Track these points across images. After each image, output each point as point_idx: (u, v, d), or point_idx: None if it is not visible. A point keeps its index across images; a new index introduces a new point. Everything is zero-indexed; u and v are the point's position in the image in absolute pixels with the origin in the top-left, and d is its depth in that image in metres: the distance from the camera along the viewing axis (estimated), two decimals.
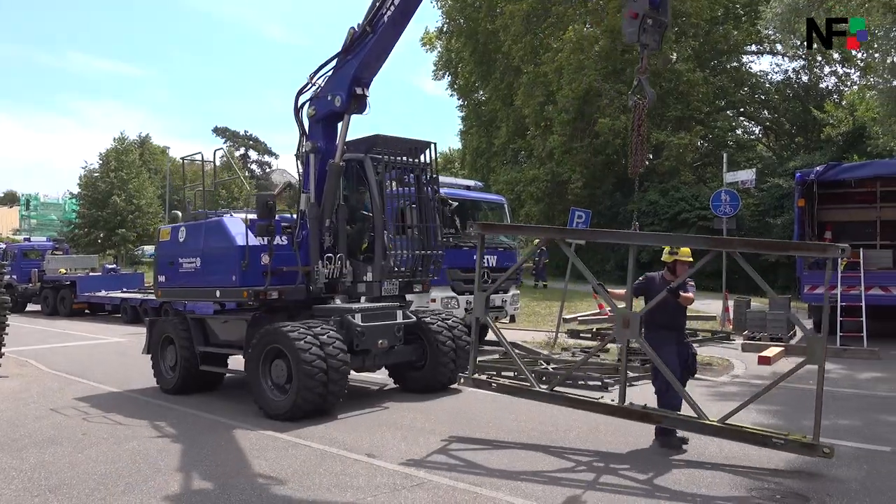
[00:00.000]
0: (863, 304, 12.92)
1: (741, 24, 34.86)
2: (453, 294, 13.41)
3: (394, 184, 9.21)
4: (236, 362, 9.81)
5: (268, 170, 69.72)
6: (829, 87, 36.36)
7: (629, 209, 31.80)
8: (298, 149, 9.42)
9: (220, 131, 71.87)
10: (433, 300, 12.79)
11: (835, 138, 30.50)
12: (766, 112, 39.05)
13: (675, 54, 33.08)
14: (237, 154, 71.94)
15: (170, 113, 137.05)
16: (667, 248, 7.00)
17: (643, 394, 8.09)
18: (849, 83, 35.41)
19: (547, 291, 27.40)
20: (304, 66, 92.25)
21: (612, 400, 6.94)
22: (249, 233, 8.82)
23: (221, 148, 14.63)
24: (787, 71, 37.87)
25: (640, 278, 7.16)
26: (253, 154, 75.43)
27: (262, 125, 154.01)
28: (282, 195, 12.03)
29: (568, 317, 17.20)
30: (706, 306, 19.65)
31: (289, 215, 9.88)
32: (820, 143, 31.58)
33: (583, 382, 9.63)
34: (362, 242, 9.41)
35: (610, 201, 33.59)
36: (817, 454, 5.61)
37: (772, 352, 11.96)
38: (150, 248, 42.01)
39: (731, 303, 16.24)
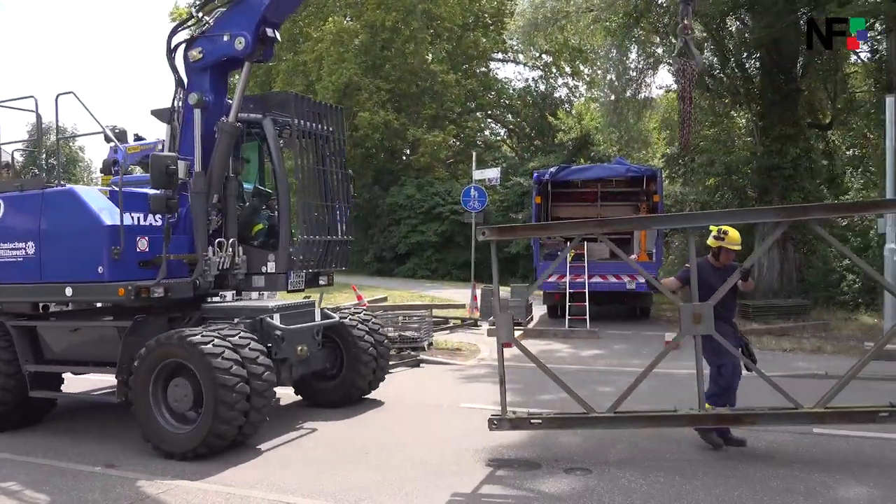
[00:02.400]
0: (586, 290, 14.74)
1: (489, 33, 37.62)
2: None
3: (310, 155, 7.50)
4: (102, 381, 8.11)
5: None
6: (562, 97, 40.66)
7: (388, 202, 32.79)
8: (173, 102, 7.54)
9: None
10: None
11: (566, 143, 34.20)
12: (510, 116, 42.54)
13: (430, 55, 34.71)
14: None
15: None
16: (713, 231, 6.29)
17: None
18: (577, 95, 39.97)
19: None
20: None
21: (691, 409, 5.90)
22: (115, 208, 6.72)
23: (71, 92, 9.72)
24: (527, 79, 41.72)
25: (687, 265, 6.33)
26: None
27: None
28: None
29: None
30: (457, 295, 20.96)
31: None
32: (554, 147, 35.20)
33: None
34: (253, 225, 7.84)
35: (369, 195, 34.25)
36: None
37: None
38: None
39: (478, 291, 17.48)
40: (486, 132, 42.68)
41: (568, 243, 16.18)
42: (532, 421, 6.10)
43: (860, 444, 6.18)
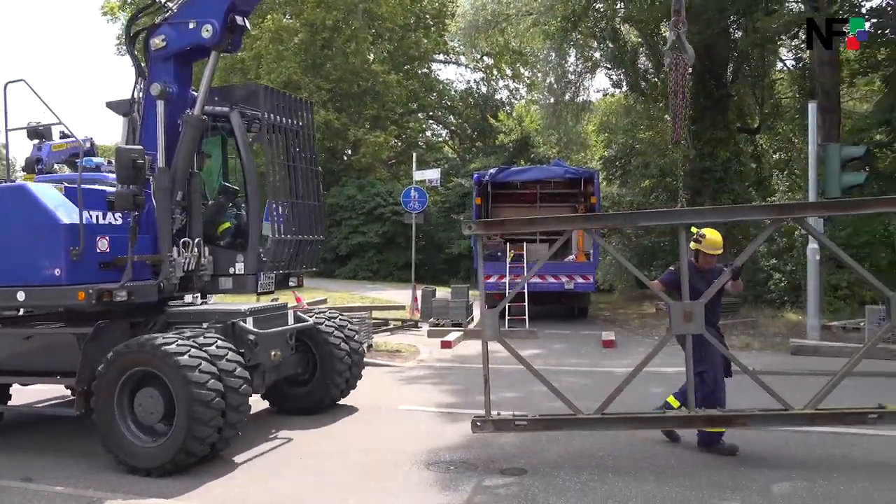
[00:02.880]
0: (525, 291, 14.87)
1: (431, 34, 37.66)
2: None
3: (280, 151, 7.13)
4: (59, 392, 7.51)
5: None
6: (503, 99, 41.05)
7: (329, 203, 32.39)
8: (134, 93, 7.10)
9: None
10: None
11: (507, 145, 34.54)
12: (452, 117, 42.68)
13: (371, 55, 34.51)
14: None
15: None
16: (693, 233, 6.14)
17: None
18: (518, 97, 40.42)
19: None
20: None
21: (681, 409, 5.90)
22: (72, 205, 6.20)
23: (21, 80, 6.58)
24: (469, 81, 41.94)
25: (672, 267, 6.27)
26: None
27: None
28: None
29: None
30: (398, 296, 20.86)
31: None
32: (495, 148, 35.49)
33: None
34: (219, 223, 7.39)
35: None
36: None
37: (452, 336, 13.26)
38: None
39: (419, 292, 17.45)
40: (428, 133, 42.75)
41: (507, 244, 16.48)
42: (517, 423, 5.90)
43: (804, 438, 6.39)
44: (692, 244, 6.11)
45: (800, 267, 15.44)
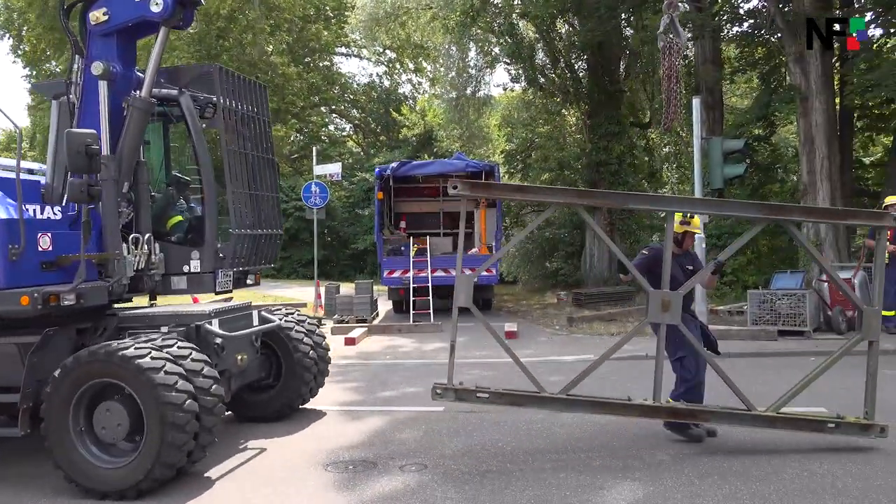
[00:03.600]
0: (429, 284, 14.92)
1: (331, 26, 37.03)
2: None
3: (238, 138, 6.56)
4: None
5: None
6: (406, 93, 40.97)
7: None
8: (70, 73, 6.36)
9: None
10: None
11: (410, 139, 34.52)
12: (355, 111, 42.22)
13: (270, 46, 33.57)
14: None
15: None
16: (678, 217, 6.03)
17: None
18: (421, 91, 40.46)
19: None
20: None
21: (645, 399, 5.83)
22: (7, 198, 5.48)
23: None
24: (371, 75, 41.59)
25: (644, 251, 6.17)
26: None
27: None
28: None
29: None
30: (301, 293, 20.45)
31: (38, 165, 6.62)
32: (399, 143, 35.41)
33: None
34: (168, 217, 6.77)
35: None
36: (874, 433, 5.54)
37: (356, 333, 13.11)
38: None
39: (322, 289, 17.15)
40: (331, 127, 42.09)
41: (411, 238, 16.45)
42: (479, 395, 5.80)
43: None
44: (679, 227, 6.09)
45: None
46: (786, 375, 7.70)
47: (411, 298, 14.91)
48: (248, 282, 7.09)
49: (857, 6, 17.11)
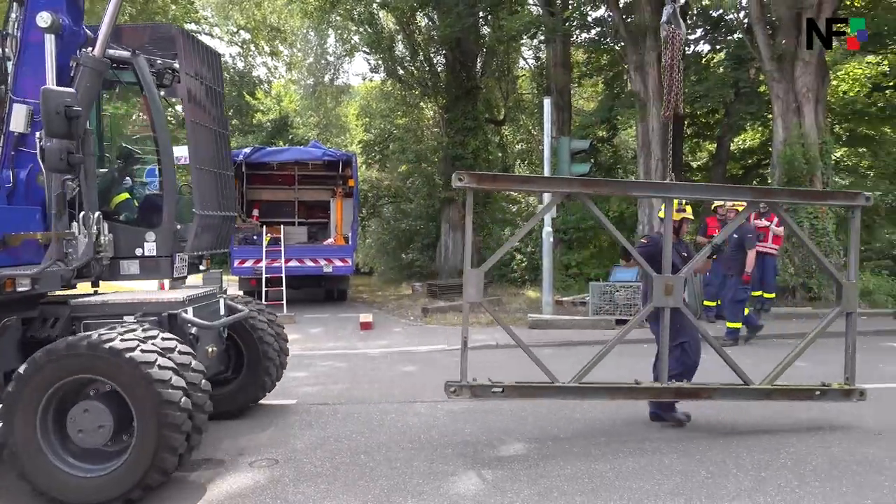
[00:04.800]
0: (283, 274, 14.52)
1: (179, 1, 34.85)
2: None
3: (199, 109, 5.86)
4: None
5: None
6: (261, 77, 39.50)
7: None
8: (7, 23, 5.52)
9: None
10: None
11: (265, 124, 33.36)
12: None
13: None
14: None
15: None
16: (675, 204, 6.17)
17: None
18: (277, 75, 39.18)
19: None
20: None
21: (652, 382, 6.03)
22: None
23: None
24: (224, 55, 39.60)
25: (643, 240, 6.17)
26: None
27: None
28: None
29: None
30: (148, 285, 19.15)
31: None
32: (253, 128, 34.10)
33: None
34: (113, 195, 5.97)
35: None
36: (854, 397, 6.09)
37: None
38: None
39: (166, 281, 16.17)
40: (179, 108, 39.71)
41: (264, 228, 15.91)
42: (493, 389, 5.76)
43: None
44: (677, 215, 6.29)
45: (538, 249, 16.96)
46: (623, 361, 8.26)
47: (264, 289, 14.43)
48: (201, 267, 6.50)
49: (689, 22, 18.65)
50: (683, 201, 6.49)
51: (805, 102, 14.14)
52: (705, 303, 11.99)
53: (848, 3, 15.38)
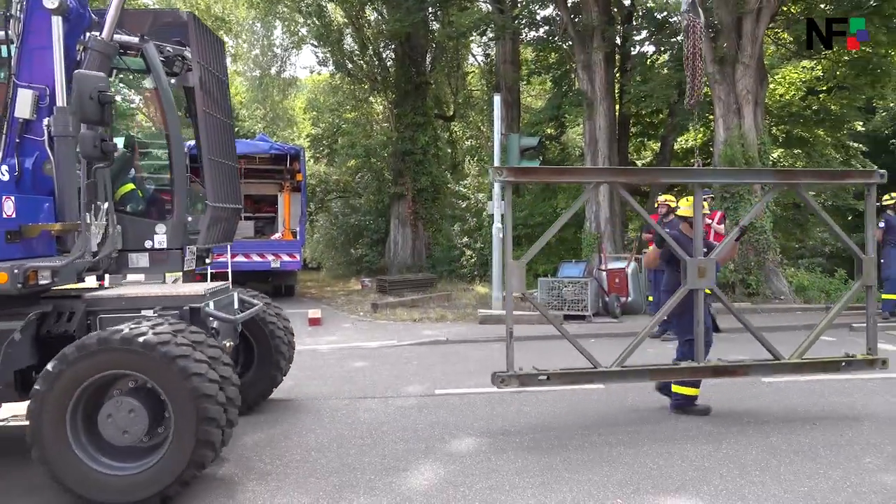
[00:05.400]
0: (229, 270, 14.23)
1: None
2: None
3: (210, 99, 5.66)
4: None
5: None
6: None
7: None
8: (9, 4, 5.17)
9: None
10: None
11: None
12: (147, 82, 38.95)
13: None
14: None
15: None
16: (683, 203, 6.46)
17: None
18: None
19: None
20: None
21: (690, 362, 6.14)
22: None
23: None
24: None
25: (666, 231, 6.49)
26: None
27: None
28: None
29: None
30: (89, 281, 18.49)
31: None
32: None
33: None
34: (118, 186, 5.62)
35: None
36: (877, 366, 6.32)
37: None
38: None
39: (107, 276, 15.67)
40: (118, 98, 38.47)
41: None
42: (540, 377, 5.90)
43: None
44: (685, 212, 6.57)
45: (487, 244, 17.07)
46: (570, 355, 8.38)
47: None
48: (207, 260, 6.28)
49: (634, 24, 19.05)
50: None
51: (745, 104, 14.61)
52: (649, 298, 12.29)
53: (785, 9, 15.92)
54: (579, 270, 13.21)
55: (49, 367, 4.35)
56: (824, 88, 19.70)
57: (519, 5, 19.55)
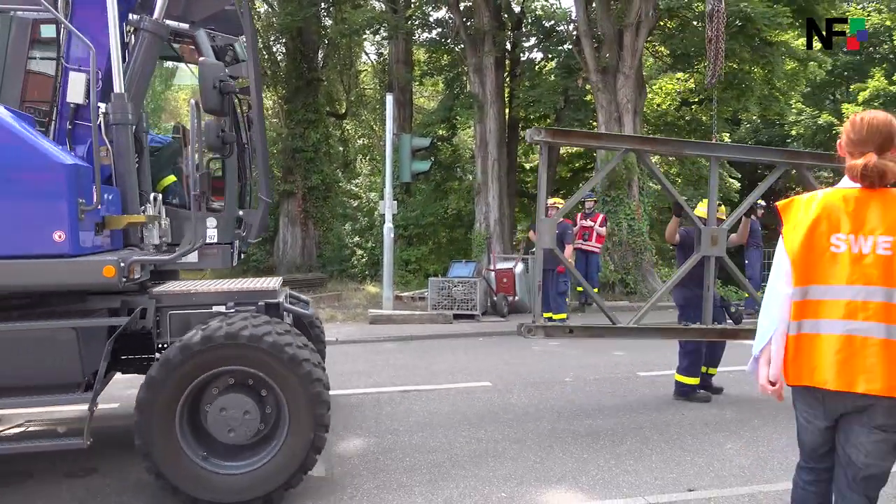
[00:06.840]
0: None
1: None
2: None
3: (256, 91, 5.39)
4: None
5: None
6: None
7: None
8: None
9: None
10: None
11: None
12: None
13: None
14: None
15: None
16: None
17: None
18: None
19: None
20: None
21: (697, 324, 6.55)
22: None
23: None
24: None
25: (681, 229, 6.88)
26: None
27: None
28: None
29: None
30: None
31: None
32: None
33: None
34: (161, 178, 5.40)
35: None
36: None
37: None
38: None
39: None
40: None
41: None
42: (565, 330, 6.49)
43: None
44: (699, 212, 6.72)
45: (378, 244, 17.03)
46: (459, 354, 8.52)
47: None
48: (241, 256, 6.05)
49: (524, 30, 19.61)
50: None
51: (625, 113, 15.39)
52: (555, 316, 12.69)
53: (662, 23, 16.89)
54: (469, 270, 13.45)
55: (157, 364, 4.21)
56: (696, 101, 21.05)
57: (412, 6, 19.65)
